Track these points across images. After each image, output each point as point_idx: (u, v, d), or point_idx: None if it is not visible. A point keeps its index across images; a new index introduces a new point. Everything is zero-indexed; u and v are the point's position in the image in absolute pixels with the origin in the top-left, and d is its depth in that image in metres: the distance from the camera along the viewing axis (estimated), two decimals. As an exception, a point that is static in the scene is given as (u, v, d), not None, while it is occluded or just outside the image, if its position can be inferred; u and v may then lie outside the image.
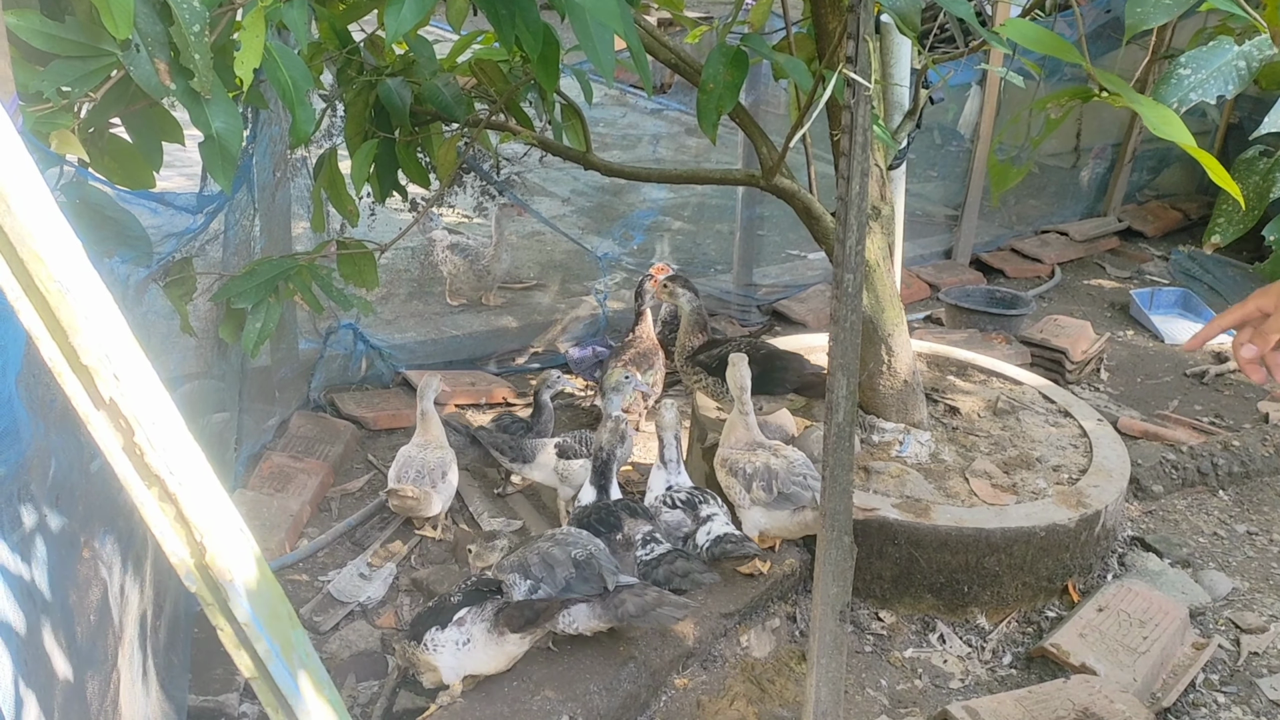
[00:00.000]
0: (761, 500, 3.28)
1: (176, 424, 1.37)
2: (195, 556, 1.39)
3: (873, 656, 3.27)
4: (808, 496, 3.23)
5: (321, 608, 3.53)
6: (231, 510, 1.47)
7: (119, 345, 1.29)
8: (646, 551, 3.10)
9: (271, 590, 1.52)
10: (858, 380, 2.60)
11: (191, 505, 1.36)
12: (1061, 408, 4.14)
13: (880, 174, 3.68)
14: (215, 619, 1.42)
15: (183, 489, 1.35)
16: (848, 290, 2.51)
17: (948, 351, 4.61)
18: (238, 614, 1.41)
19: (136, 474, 1.33)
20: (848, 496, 2.61)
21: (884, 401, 3.81)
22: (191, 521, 1.37)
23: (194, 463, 1.39)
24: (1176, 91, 2.37)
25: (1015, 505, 3.43)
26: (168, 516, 1.35)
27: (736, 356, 3.50)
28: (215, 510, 1.41)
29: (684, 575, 2.98)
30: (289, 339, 4.61)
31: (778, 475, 3.28)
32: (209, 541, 1.38)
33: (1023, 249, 7.39)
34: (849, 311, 2.54)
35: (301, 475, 4.17)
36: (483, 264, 5.75)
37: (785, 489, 3.25)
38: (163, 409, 1.34)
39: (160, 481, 1.33)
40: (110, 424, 1.29)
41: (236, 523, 1.47)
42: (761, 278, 6.46)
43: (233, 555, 1.42)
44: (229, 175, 2.61)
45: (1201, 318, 6.47)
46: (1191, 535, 4.02)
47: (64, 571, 2.24)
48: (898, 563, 3.35)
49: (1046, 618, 3.46)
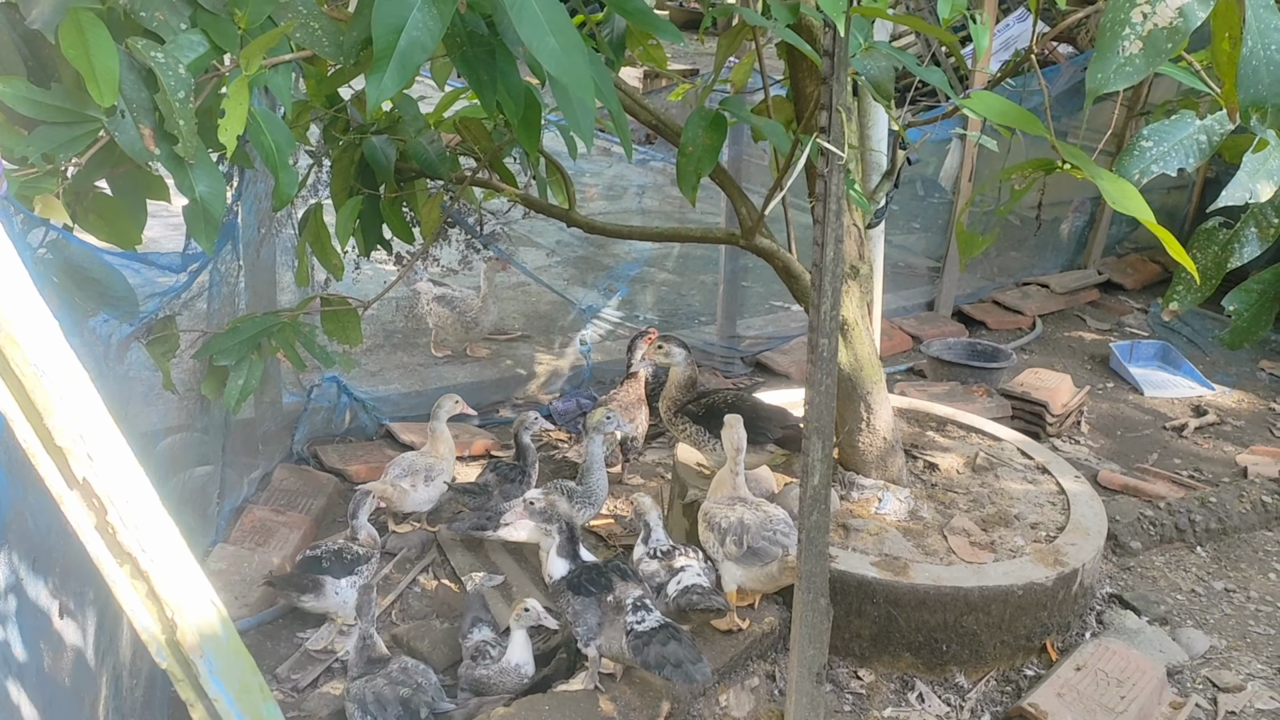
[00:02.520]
0: (733, 555, 3.30)
1: (149, 501, 1.39)
2: (166, 633, 1.40)
3: (852, 716, 3.27)
4: (776, 551, 3.24)
5: (299, 665, 3.52)
6: (204, 584, 1.48)
7: (93, 425, 1.31)
8: (637, 619, 3.00)
9: (243, 664, 1.53)
10: (834, 443, 2.63)
11: (163, 582, 1.37)
12: (1040, 464, 4.17)
13: (858, 233, 3.73)
14: (186, 694, 1.43)
15: (155, 566, 1.36)
16: (822, 354, 2.55)
17: (927, 407, 4.65)
18: (208, 689, 1.42)
19: (109, 552, 1.34)
20: (824, 559, 2.63)
21: (863, 458, 3.83)
22: (163, 598, 1.38)
23: (166, 539, 1.40)
24: (1139, 163, 2.43)
25: (993, 564, 3.45)
26: (139, 594, 1.37)
27: (732, 418, 3.54)
28: (187, 586, 1.42)
29: (676, 665, 2.86)
30: (272, 392, 4.62)
31: (749, 530, 3.29)
32: (180, 618, 1.39)
33: (1004, 301, 7.45)
34: (824, 375, 2.58)
35: (283, 529, 4.16)
36: (470, 315, 5.78)
37: (754, 544, 3.26)
38: (136, 487, 1.36)
39: (132, 559, 1.35)
40: (83, 503, 1.31)
41: (208, 595, 1.49)
42: (745, 329, 6.51)
43: (204, 631, 1.43)
44: (211, 238, 2.64)
45: (1180, 370, 6.53)
46: (1169, 592, 4.04)
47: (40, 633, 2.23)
48: (876, 621, 3.36)
49: (1025, 676, 3.46)
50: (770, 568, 3.26)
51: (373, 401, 5.09)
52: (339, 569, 3.64)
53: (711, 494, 3.58)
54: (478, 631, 3.43)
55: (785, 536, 3.28)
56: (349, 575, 3.65)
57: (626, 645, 2.96)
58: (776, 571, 3.26)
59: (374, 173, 3.56)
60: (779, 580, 3.30)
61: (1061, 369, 6.28)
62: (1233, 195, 2.36)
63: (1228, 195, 2.35)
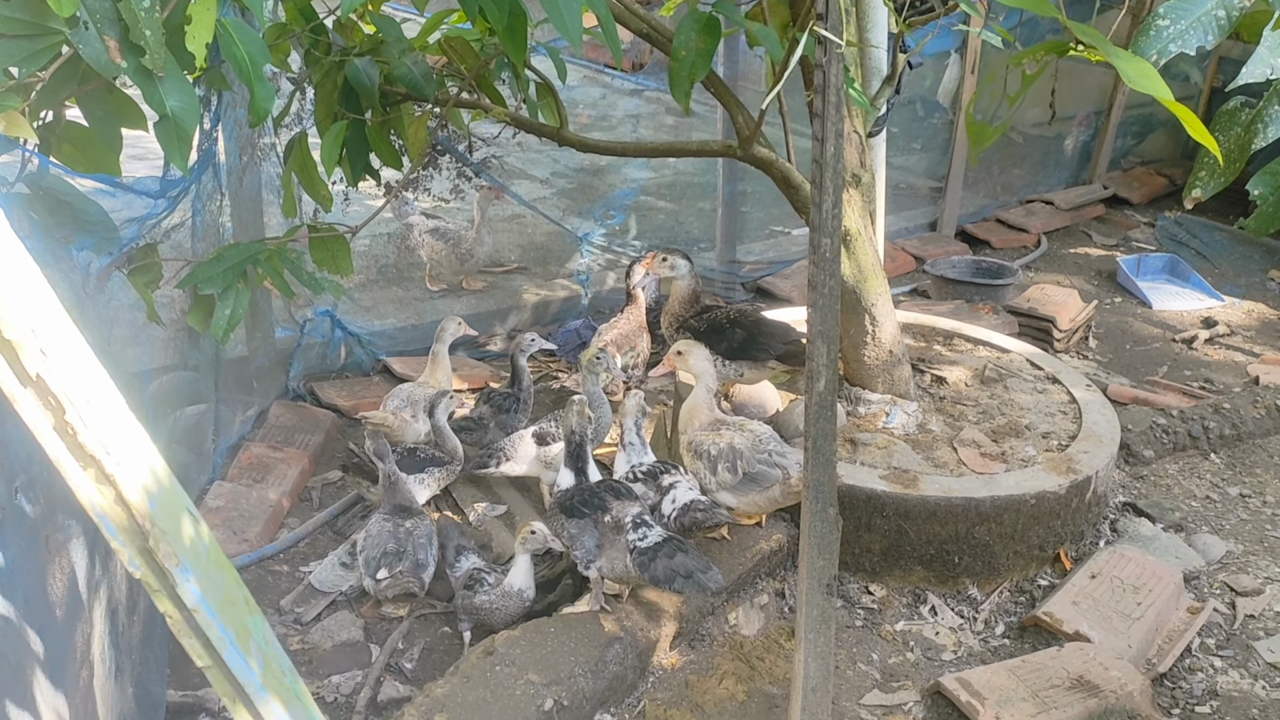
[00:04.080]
0: (728, 484, 3.20)
1: (112, 401, 1.30)
2: (138, 541, 1.32)
3: (863, 630, 3.22)
4: (775, 475, 3.15)
5: (303, 598, 3.46)
6: (178, 492, 1.40)
7: (46, 319, 1.22)
8: (639, 536, 2.91)
9: (225, 575, 1.45)
10: (838, 348, 2.53)
11: (132, 486, 1.29)
12: (1050, 374, 4.09)
13: (859, 140, 3.61)
14: (162, 605, 1.35)
15: (121, 469, 1.28)
16: (825, 255, 2.45)
17: (933, 321, 4.55)
18: (186, 599, 1.35)
19: (70, 454, 1.26)
20: (831, 468, 2.55)
21: (869, 373, 3.75)
22: (132, 504, 1.30)
23: (134, 441, 1.32)
24: (1155, 43, 2.31)
25: (1004, 474, 3.37)
26: (106, 499, 1.29)
27: (685, 344, 3.44)
28: (160, 492, 1.34)
29: (687, 576, 2.77)
30: (264, 327, 4.53)
31: (742, 455, 3.20)
32: (152, 525, 1.31)
33: (1008, 219, 7.33)
34: (827, 277, 2.48)
35: (281, 465, 4.10)
36: (465, 248, 5.67)
37: (751, 469, 3.17)
38: (97, 385, 1.27)
39: (96, 462, 1.26)
40: (38, 402, 1.22)
41: (184, 503, 1.41)
42: (745, 255, 6.40)
43: (181, 538, 1.35)
44: (185, 155, 2.53)
45: (1189, 283, 6.43)
46: (1184, 499, 3.97)
47: (26, 565, 2.17)
48: (886, 535, 3.30)
49: (1039, 586, 3.40)
50: (771, 492, 3.18)
51: (368, 336, 5.00)
52: (409, 466, 3.70)
53: (687, 423, 3.44)
54: (465, 560, 3.37)
55: (781, 456, 3.19)
56: (418, 473, 3.71)
57: (631, 563, 2.87)
58: (779, 495, 3.18)
59: (358, 97, 3.43)
60: (780, 503, 3.23)
61: (1068, 285, 6.17)
62: (1253, 73, 2.24)
63: (1248, 72, 2.23)
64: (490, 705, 2.54)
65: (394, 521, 3.43)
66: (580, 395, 3.61)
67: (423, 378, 4.25)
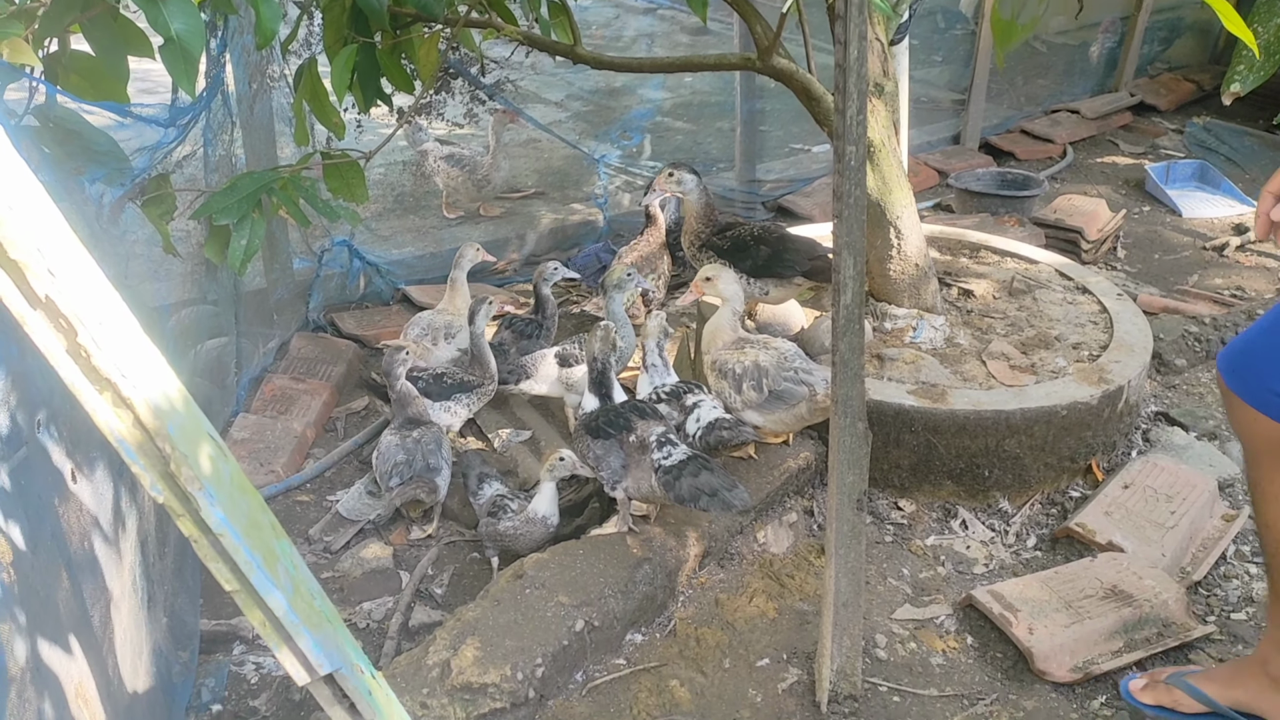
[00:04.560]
0: (753, 402, 3.17)
1: (127, 322, 1.27)
2: (159, 465, 1.29)
3: (893, 546, 3.20)
4: (802, 392, 3.10)
5: (331, 527, 3.47)
6: (198, 415, 1.37)
7: (53, 238, 1.19)
8: (664, 455, 2.86)
9: (249, 499, 1.43)
10: (865, 259, 2.48)
11: (150, 410, 1.26)
12: (1079, 284, 4.01)
13: (881, 48, 3.51)
14: (186, 529, 1.33)
15: (138, 392, 1.25)
16: (850, 164, 2.38)
17: (959, 234, 4.47)
18: (210, 523, 1.33)
19: (85, 378, 1.23)
20: (859, 382, 2.51)
21: (895, 287, 3.69)
22: (151, 427, 1.27)
23: (150, 364, 1.29)
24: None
25: (1035, 385, 3.32)
26: (125, 423, 1.26)
27: (713, 268, 3.39)
28: (179, 416, 1.31)
29: (712, 494, 2.73)
30: (282, 259, 4.50)
31: (768, 373, 3.15)
32: (173, 449, 1.28)
33: (1033, 130, 7.17)
34: (852, 186, 2.41)
35: (304, 397, 4.09)
36: (480, 174, 5.59)
37: (776, 387, 3.12)
38: (109, 306, 1.24)
39: (113, 386, 1.24)
40: (50, 325, 1.19)
41: (204, 427, 1.38)
42: (765, 174, 6.29)
43: (202, 462, 1.32)
44: (192, 79, 2.48)
45: (1219, 190, 6.28)
46: (1217, 407, 3.91)
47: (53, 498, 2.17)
48: (915, 450, 3.26)
49: (1070, 498, 3.37)
50: (797, 409, 3.14)
51: (387, 265, 4.96)
52: (436, 392, 3.70)
53: (710, 343, 3.39)
54: (488, 487, 3.36)
55: (807, 374, 3.15)
56: (444, 400, 3.70)
57: (656, 483, 2.83)
58: (805, 412, 3.14)
59: (367, 20, 3.35)
60: (807, 420, 3.19)
61: (1095, 195, 6.04)
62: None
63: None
64: (521, 627, 2.54)
65: (401, 434, 3.48)
66: (606, 321, 3.58)
67: (442, 305, 4.22)
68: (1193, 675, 2.42)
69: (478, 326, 3.76)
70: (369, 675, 1.59)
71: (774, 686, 2.65)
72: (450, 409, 3.73)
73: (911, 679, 2.70)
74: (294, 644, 1.45)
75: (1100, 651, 2.70)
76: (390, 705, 1.64)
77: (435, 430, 3.54)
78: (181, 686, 2.84)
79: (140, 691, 2.53)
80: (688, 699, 2.60)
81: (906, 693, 2.65)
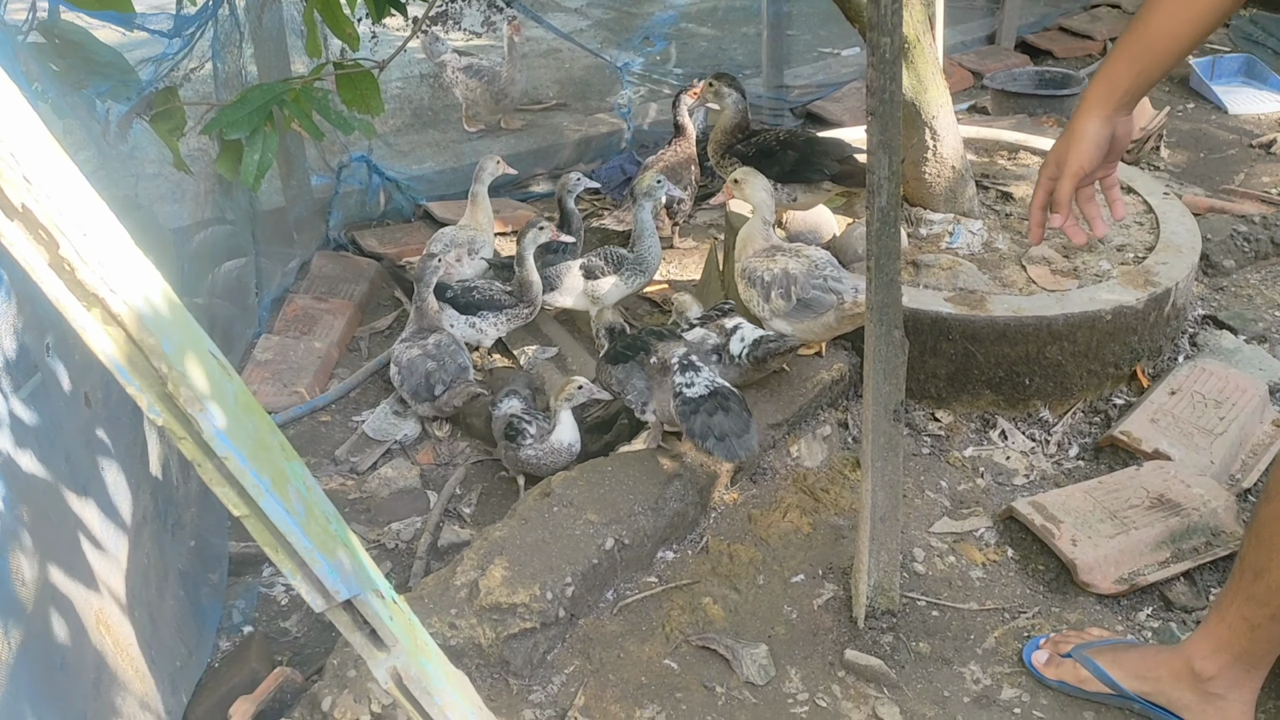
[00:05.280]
0: (781, 311, 3.06)
1: (114, 233, 1.18)
2: (156, 386, 1.22)
3: (931, 458, 3.12)
4: (830, 300, 2.99)
5: (357, 448, 3.43)
6: (197, 331, 1.29)
7: (28, 142, 1.09)
8: (686, 381, 2.72)
9: (256, 420, 1.36)
10: (900, 160, 2.35)
11: (142, 327, 1.18)
12: (1124, 183, 3.85)
13: (916, -63, 3.32)
14: (190, 453, 1.26)
15: (129, 309, 1.17)
16: (885, 56, 2.24)
17: (997, 135, 4.30)
18: (214, 446, 1.25)
19: (70, 294, 1.15)
20: (895, 288, 2.40)
21: (930, 191, 3.55)
22: (145, 345, 1.19)
23: (141, 278, 1.20)
24: None
25: (1078, 290, 3.20)
26: (115, 342, 1.18)
27: (744, 171, 3.25)
28: (175, 331, 1.23)
29: (720, 439, 2.61)
30: (299, 176, 4.40)
31: (796, 280, 3.04)
32: (169, 368, 1.20)
33: (1071, 26, 6.90)
34: (887, 81, 2.28)
35: (327, 316, 4.03)
36: (499, 85, 5.44)
37: (805, 294, 3.01)
38: (93, 215, 1.15)
39: (100, 301, 1.15)
40: (28, 236, 1.10)
41: (205, 344, 1.30)
42: (793, 79, 6.10)
43: (202, 380, 1.25)
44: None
45: (1266, 85, 6.03)
46: (1267, 309, 3.77)
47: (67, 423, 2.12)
48: (953, 359, 3.16)
49: (1114, 406, 3.26)
50: (825, 317, 3.03)
51: (407, 181, 4.85)
52: (464, 305, 3.68)
53: (741, 250, 3.28)
54: (507, 403, 3.27)
55: (836, 282, 3.03)
56: (471, 315, 3.68)
57: (674, 409, 2.72)
58: (833, 321, 3.03)
59: (376, -79, 3.20)
60: (836, 330, 3.08)
61: (1137, 93, 5.81)
62: None
63: None
64: (550, 546, 2.48)
65: (419, 345, 3.48)
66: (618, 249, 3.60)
67: (464, 220, 4.12)
68: (1098, 652, 2.30)
69: (525, 248, 3.65)
70: (389, 600, 1.53)
71: (809, 602, 2.59)
72: (477, 325, 3.65)
73: (951, 593, 2.63)
74: (308, 570, 1.39)
75: (1147, 562, 2.61)
76: (412, 630, 1.58)
77: (448, 334, 3.56)
78: (211, 609, 2.83)
79: (167, 615, 2.50)
80: (721, 616, 2.55)
81: (945, 607, 2.59)
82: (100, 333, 1.17)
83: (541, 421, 3.16)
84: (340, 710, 2.18)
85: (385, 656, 1.53)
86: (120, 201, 3.21)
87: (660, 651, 2.45)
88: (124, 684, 2.14)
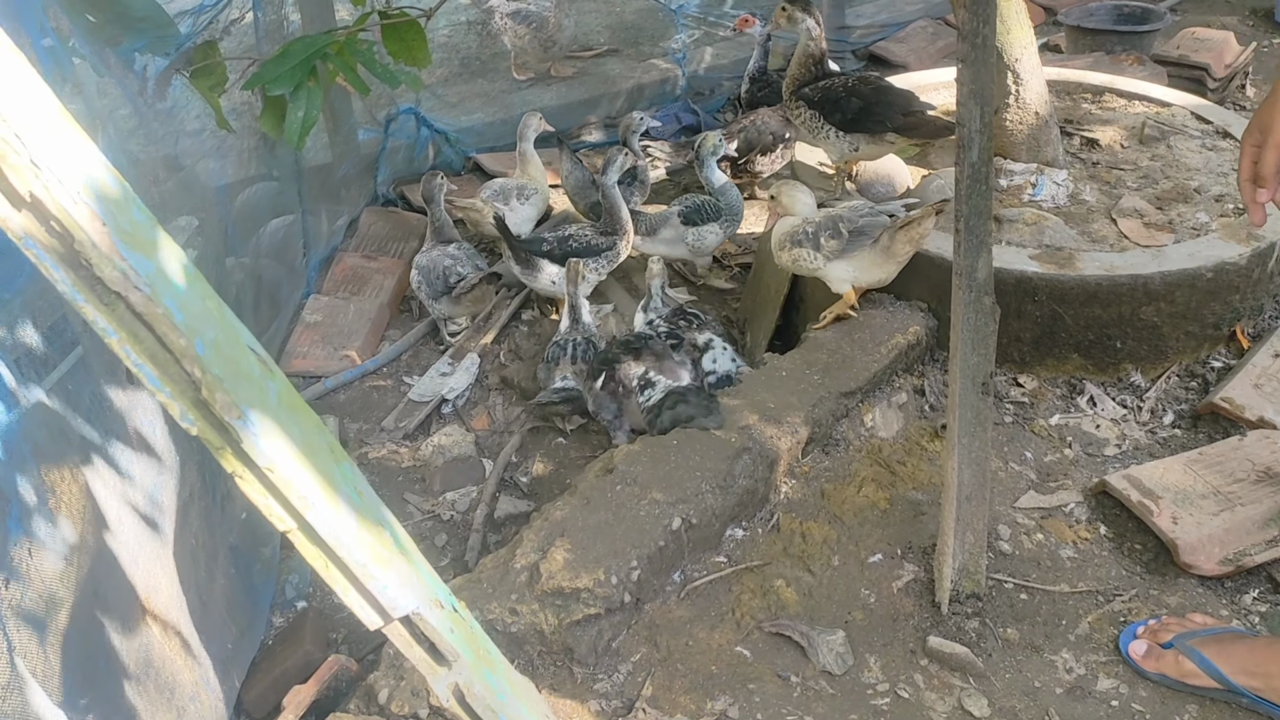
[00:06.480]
0: (835, 250, 2.89)
1: (137, 219, 1.04)
2: (189, 392, 1.08)
3: (1014, 427, 2.93)
4: (882, 220, 2.89)
5: (406, 414, 3.32)
6: (233, 324, 1.16)
7: (35, 121, 0.95)
8: (645, 398, 2.94)
9: (302, 420, 1.22)
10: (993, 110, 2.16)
11: (172, 326, 1.04)
12: (1220, 128, 3.59)
13: None
14: (229, 465, 1.13)
15: (156, 308, 1.03)
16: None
17: (1079, 76, 4.04)
18: (255, 456, 1.12)
19: (89, 292, 1.01)
20: (987, 250, 2.21)
21: (1012, 139, 3.33)
22: (176, 348, 1.05)
23: (171, 267, 1.06)
24: None
25: (1174, 245, 2.97)
26: (141, 343, 1.04)
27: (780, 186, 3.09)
28: (209, 330, 1.09)
29: (688, 420, 2.72)
30: (346, 130, 4.26)
31: (842, 217, 2.93)
32: (202, 370, 1.07)
33: (1151, -43, 6.53)
34: (980, 24, 2.08)
35: (377, 275, 3.91)
36: (548, 31, 5.24)
37: (855, 224, 2.90)
38: (113, 201, 1.01)
39: (122, 299, 1.01)
40: (39, 226, 0.96)
41: (242, 338, 1.16)
42: (855, 19, 5.84)
43: (239, 384, 1.11)
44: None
45: (1362, 15, 5.68)
46: (1373, 263, 3.52)
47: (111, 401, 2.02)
48: (1038, 322, 2.96)
49: (1212, 369, 3.05)
50: (881, 240, 2.84)
51: (456, 133, 4.69)
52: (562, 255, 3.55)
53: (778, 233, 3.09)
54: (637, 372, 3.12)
55: (881, 215, 2.93)
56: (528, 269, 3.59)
57: (644, 422, 2.92)
58: (888, 241, 2.83)
59: None
60: (895, 254, 2.86)
61: (1220, 28, 5.49)
62: None
63: None
64: (614, 528, 2.35)
65: (438, 249, 3.66)
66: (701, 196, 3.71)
67: (515, 176, 3.99)
68: (1203, 643, 2.13)
69: (610, 177, 3.55)
70: (450, 609, 1.40)
71: (888, 585, 2.44)
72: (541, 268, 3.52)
73: (1040, 574, 2.47)
74: (361, 586, 1.26)
75: (1254, 541, 2.43)
76: (474, 639, 1.46)
77: (466, 244, 3.76)
78: (264, 586, 2.74)
79: (217, 596, 2.41)
80: (794, 600, 2.40)
81: (1035, 589, 2.43)
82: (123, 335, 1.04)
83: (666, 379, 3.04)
84: (397, 704, 2.07)
85: (446, 672, 1.40)
86: (161, 161, 3.09)
87: (731, 638, 2.32)
88: (172, 676, 2.05)
